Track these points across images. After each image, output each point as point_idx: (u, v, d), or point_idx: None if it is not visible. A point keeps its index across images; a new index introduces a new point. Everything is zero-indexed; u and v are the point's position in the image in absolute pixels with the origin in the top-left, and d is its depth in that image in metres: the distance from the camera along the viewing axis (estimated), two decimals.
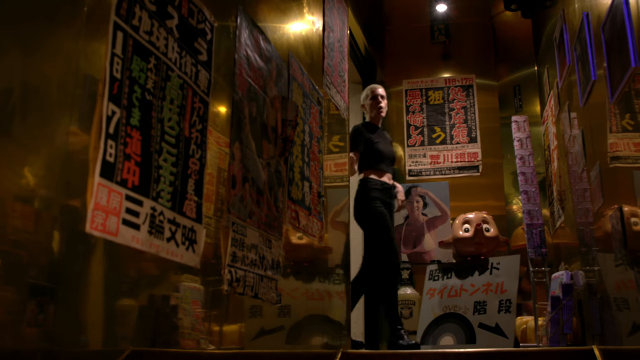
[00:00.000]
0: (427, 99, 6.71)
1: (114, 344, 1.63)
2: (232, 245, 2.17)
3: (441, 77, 6.83)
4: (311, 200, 3.20)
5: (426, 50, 6.95)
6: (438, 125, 6.58)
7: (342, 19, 4.55)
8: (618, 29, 2.63)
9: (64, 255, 1.37)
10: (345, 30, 4.66)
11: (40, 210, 1.31)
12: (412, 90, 6.77)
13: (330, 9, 4.10)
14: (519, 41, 6.72)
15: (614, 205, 3.03)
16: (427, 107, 6.68)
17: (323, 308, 3.66)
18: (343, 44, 4.50)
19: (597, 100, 3.30)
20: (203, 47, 2.04)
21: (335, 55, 4.17)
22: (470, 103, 6.58)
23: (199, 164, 1.94)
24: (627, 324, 2.97)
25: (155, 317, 1.87)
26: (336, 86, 4.07)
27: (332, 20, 4.15)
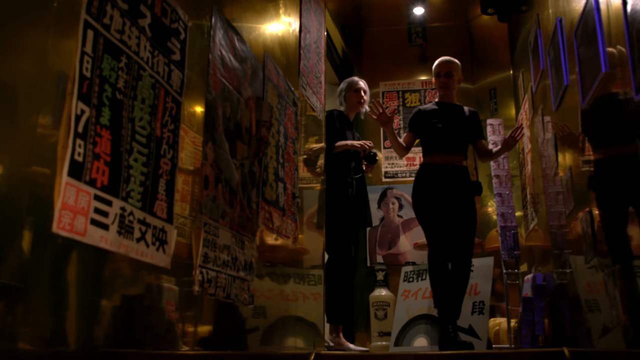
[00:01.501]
0: (404, 101, 6.74)
1: (85, 344, 1.61)
2: (204, 246, 2.16)
3: (418, 80, 6.86)
4: (285, 201, 3.20)
5: (403, 53, 6.98)
6: None
7: (319, 20, 4.55)
8: (589, 34, 2.66)
9: (32, 255, 1.36)
10: (323, 32, 4.67)
11: (6, 209, 1.30)
12: (389, 92, 6.80)
13: (307, 10, 4.10)
14: (495, 45, 6.77)
15: (585, 208, 3.06)
16: (404, 109, 6.71)
17: (299, 309, 3.66)
18: (320, 45, 4.50)
19: (569, 105, 3.33)
20: (176, 47, 2.03)
21: (312, 56, 4.17)
22: None
23: (171, 164, 1.92)
24: (598, 326, 3.01)
25: (127, 317, 1.86)
26: (312, 87, 4.07)
27: (309, 22, 4.16)
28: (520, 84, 5.83)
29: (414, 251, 6.02)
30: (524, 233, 5.80)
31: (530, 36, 4.81)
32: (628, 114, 2.23)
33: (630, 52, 2.08)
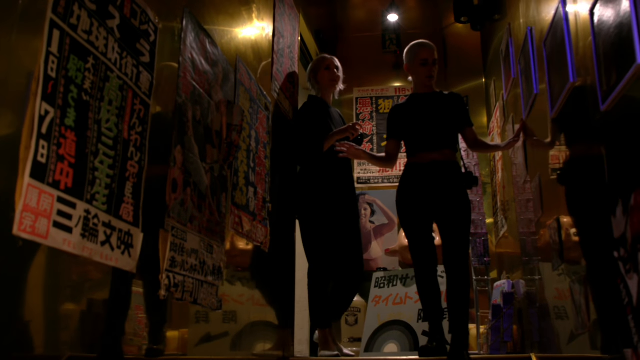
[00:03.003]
0: (377, 108, 6.77)
1: (52, 349, 1.59)
2: (171, 250, 2.14)
3: (392, 86, 6.90)
4: (256, 205, 3.19)
5: (377, 59, 7.02)
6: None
7: (294, 25, 4.55)
8: (558, 44, 2.70)
9: None
10: (296, 37, 4.66)
11: None
12: (362, 98, 6.83)
13: (281, 15, 4.10)
14: (468, 53, 6.83)
15: (555, 216, 3.09)
16: (377, 115, 6.74)
17: (269, 314, 3.64)
18: (293, 50, 4.50)
19: (539, 113, 3.37)
20: (146, 49, 2.01)
21: (285, 61, 4.17)
22: None
23: (138, 167, 1.90)
24: (566, 332, 3.04)
25: (95, 322, 1.83)
26: (285, 92, 4.06)
27: (283, 26, 4.15)
28: (492, 91, 5.89)
29: (385, 257, 6.03)
30: (495, 240, 5.85)
31: (502, 45, 4.86)
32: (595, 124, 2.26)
33: (597, 63, 2.11)
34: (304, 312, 5.22)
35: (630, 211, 1.82)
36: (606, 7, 1.99)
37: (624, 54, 1.81)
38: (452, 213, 3.58)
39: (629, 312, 1.86)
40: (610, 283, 2.06)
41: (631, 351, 1.85)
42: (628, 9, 1.76)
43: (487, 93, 6.38)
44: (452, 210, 3.59)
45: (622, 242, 1.89)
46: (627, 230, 1.85)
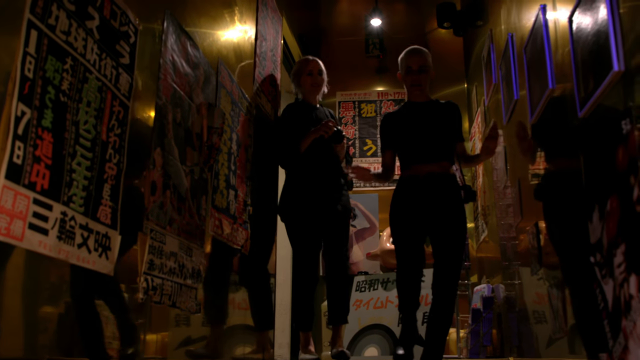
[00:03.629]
0: (360, 112, 6.78)
1: (30, 352, 1.58)
2: (150, 252, 2.13)
3: (374, 91, 6.92)
4: (236, 208, 3.18)
5: (360, 64, 7.03)
6: (369, 138, 6.66)
7: (276, 28, 4.55)
8: (538, 51, 2.72)
9: None
10: (279, 40, 4.66)
11: None
12: (345, 102, 6.84)
13: (263, 18, 4.09)
14: (450, 58, 6.86)
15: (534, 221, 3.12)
16: (360, 119, 6.75)
17: (249, 318, 3.63)
18: (276, 53, 4.50)
19: (519, 119, 3.40)
20: (125, 50, 2.00)
21: (268, 64, 4.16)
22: None
23: (117, 169, 1.89)
24: (545, 336, 3.06)
25: (74, 325, 1.82)
26: (267, 95, 4.06)
27: (265, 30, 4.15)
28: (473, 97, 5.93)
29: (367, 261, 6.04)
30: (475, 244, 5.88)
31: (483, 51, 4.90)
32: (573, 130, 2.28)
33: (575, 69, 2.13)
34: (284, 315, 5.21)
35: (606, 217, 1.84)
36: (584, 15, 2.01)
37: (601, 61, 1.83)
38: (448, 230, 3.33)
39: (605, 316, 1.88)
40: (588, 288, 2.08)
41: (606, 355, 1.87)
42: (605, 16, 1.78)
43: (468, 98, 6.42)
44: (448, 227, 3.33)
45: (598, 247, 1.91)
46: (603, 235, 1.87)
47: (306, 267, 3.75)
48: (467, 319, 5.12)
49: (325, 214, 3.78)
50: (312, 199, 3.74)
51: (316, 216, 3.74)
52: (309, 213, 3.73)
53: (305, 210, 3.74)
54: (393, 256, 5.43)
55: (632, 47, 1.70)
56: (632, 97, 1.68)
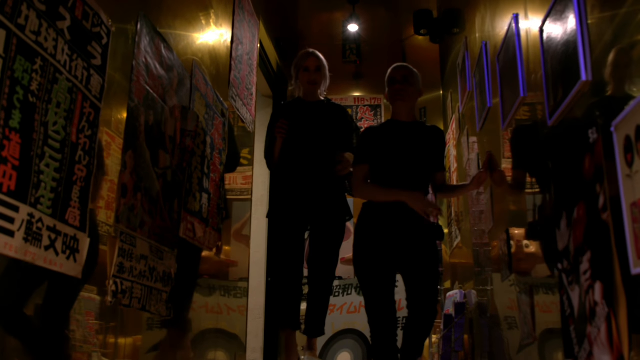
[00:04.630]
0: None
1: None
2: (120, 255, 2.12)
3: (351, 96, 6.94)
4: (209, 212, 3.17)
5: (337, 69, 7.00)
6: None
7: (253, 32, 4.55)
8: (510, 59, 2.75)
9: None
10: (256, 44, 4.66)
11: None
12: None
13: (240, 22, 4.09)
14: (427, 65, 6.90)
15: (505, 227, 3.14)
16: None
17: (222, 322, 3.62)
18: (252, 57, 4.50)
19: (492, 126, 3.43)
20: (97, 51, 1.99)
21: (244, 67, 4.16)
22: (377, 122, 6.71)
23: (86, 171, 1.88)
24: (516, 342, 3.08)
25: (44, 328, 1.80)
26: (243, 99, 4.06)
27: (242, 33, 4.15)
28: (449, 104, 5.97)
29: (341, 266, 6.03)
30: (449, 250, 5.92)
31: (459, 58, 4.94)
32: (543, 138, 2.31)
33: (545, 78, 2.16)
34: (258, 319, 5.20)
35: (573, 224, 1.86)
36: (554, 25, 2.04)
37: (570, 71, 1.86)
38: (421, 264, 3.05)
39: (571, 323, 1.90)
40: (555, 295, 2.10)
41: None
42: (574, 27, 1.81)
43: (444, 105, 6.46)
44: (420, 262, 3.05)
45: (566, 254, 1.94)
46: (570, 242, 1.89)
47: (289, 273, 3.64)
48: (439, 325, 5.14)
49: (310, 219, 3.63)
50: (297, 203, 3.59)
51: (300, 220, 3.61)
52: (293, 217, 3.60)
53: (289, 214, 3.60)
54: None
55: (600, 57, 1.73)
56: (598, 107, 1.71)
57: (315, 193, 3.60)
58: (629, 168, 1.41)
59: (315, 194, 3.60)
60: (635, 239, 1.38)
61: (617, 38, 1.64)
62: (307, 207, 3.60)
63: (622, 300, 1.50)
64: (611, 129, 1.49)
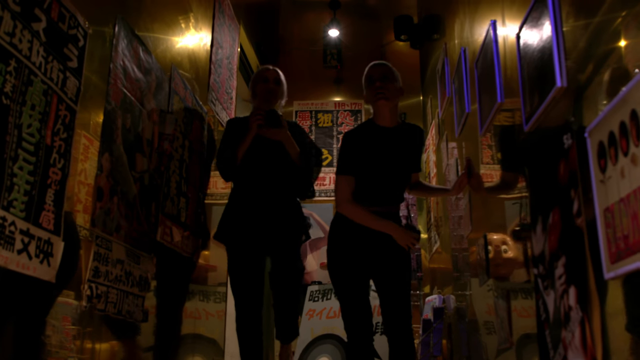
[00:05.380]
0: (317, 122, 6.80)
1: None
2: (95, 259, 2.10)
3: (331, 101, 6.95)
4: (188, 216, 3.15)
5: (318, 74, 7.06)
6: (326, 148, 6.68)
7: (233, 36, 4.54)
8: (488, 65, 2.77)
9: None
10: (236, 48, 4.66)
11: None
12: (302, 111, 6.85)
13: (220, 26, 4.08)
14: (407, 71, 6.92)
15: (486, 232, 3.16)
16: (316, 129, 6.77)
17: (201, 327, 3.60)
18: (232, 61, 4.49)
19: (470, 132, 3.45)
20: (73, 54, 1.97)
21: (224, 71, 4.15)
22: None
23: (61, 174, 1.86)
24: (494, 347, 3.09)
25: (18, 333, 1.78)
26: (222, 103, 4.04)
27: (222, 37, 4.14)
28: (428, 109, 6.00)
29: (320, 271, 6.04)
30: (428, 255, 5.93)
31: (438, 64, 4.96)
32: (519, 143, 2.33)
33: (522, 84, 2.17)
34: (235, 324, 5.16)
35: (548, 229, 1.87)
36: (531, 31, 2.06)
37: (546, 77, 1.87)
38: (393, 271, 2.94)
39: (546, 327, 1.92)
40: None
41: None
42: (550, 33, 1.83)
43: (424, 110, 6.49)
44: (392, 268, 2.94)
45: (541, 259, 1.95)
46: (545, 247, 1.90)
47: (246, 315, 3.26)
48: (417, 329, 5.15)
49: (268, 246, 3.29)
50: (253, 220, 3.23)
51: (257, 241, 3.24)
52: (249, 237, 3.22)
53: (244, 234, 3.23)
54: None
55: (574, 64, 1.75)
56: (573, 113, 1.72)
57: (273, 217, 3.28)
58: (602, 174, 1.42)
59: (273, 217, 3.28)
60: (608, 244, 1.39)
61: (591, 45, 1.66)
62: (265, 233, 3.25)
63: (596, 304, 1.52)
64: (585, 134, 1.51)
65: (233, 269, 3.23)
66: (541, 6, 1.94)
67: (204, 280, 3.78)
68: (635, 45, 1.43)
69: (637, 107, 1.24)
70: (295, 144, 3.31)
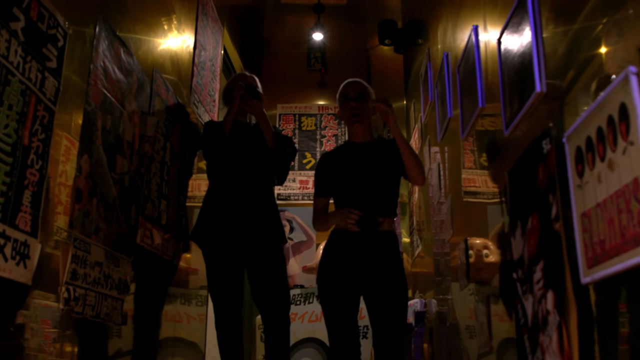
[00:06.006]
0: (300, 125, 6.80)
1: None
2: (72, 262, 2.08)
3: (315, 104, 6.94)
4: (168, 219, 3.13)
5: (302, 77, 7.05)
6: (309, 151, 6.67)
7: (217, 38, 4.53)
8: (470, 70, 2.78)
9: None
10: (219, 50, 4.64)
11: None
12: (285, 115, 6.84)
13: (203, 28, 4.07)
14: (391, 75, 6.96)
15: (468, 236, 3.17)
16: (300, 132, 6.76)
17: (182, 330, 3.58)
18: (215, 63, 4.48)
19: (452, 136, 3.46)
20: (53, 54, 1.95)
21: (206, 74, 4.14)
22: (341, 131, 6.73)
23: (39, 175, 1.84)
24: (474, 351, 3.10)
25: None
26: (205, 105, 4.03)
27: (205, 39, 4.12)
28: (411, 114, 6.01)
29: (303, 274, 6.03)
30: (410, 259, 5.94)
31: (421, 69, 4.98)
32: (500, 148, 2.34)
33: (502, 89, 2.18)
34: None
35: (527, 234, 1.88)
36: (511, 37, 2.07)
37: (525, 82, 1.88)
38: (387, 296, 2.80)
39: (525, 332, 1.92)
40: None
41: None
42: (530, 39, 1.84)
43: (407, 115, 6.51)
44: (386, 293, 2.80)
45: (520, 264, 1.96)
46: (524, 252, 1.91)
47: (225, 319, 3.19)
48: None
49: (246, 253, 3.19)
50: (229, 224, 3.14)
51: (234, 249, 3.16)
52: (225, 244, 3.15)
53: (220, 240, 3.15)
54: None
55: (554, 69, 1.76)
56: (552, 118, 1.73)
57: (250, 223, 3.18)
58: (579, 178, 1.43)
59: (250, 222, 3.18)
60: (585, 249, 1.40)
61: (571, 51, 1.67)
62: (242, 242, 3.17)
63: (573, 309, 1.52)
64: (563, 140, 1.52)
65: (210, 274, 3.18)
66: (521, 12, 1.95)
67: (185, 283, 3.76)
68: (614, 51, 1.44)
69: (614, 113, 1.25)
70: (270, 123, 3.27)
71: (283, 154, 3.31)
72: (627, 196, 1.21)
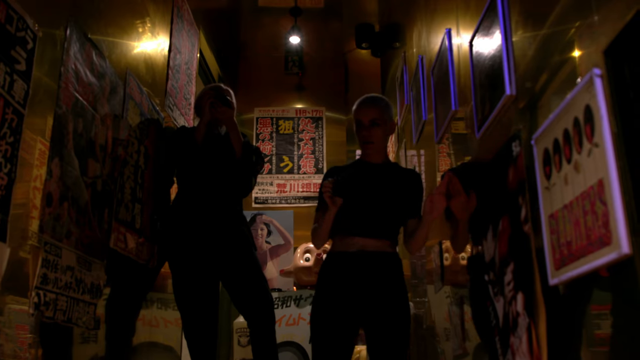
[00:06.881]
0: (278, 128, 6.79)
1: None
2: (43, 266, 2.05)
3: (292, 108, 6.94)
4: (143, 222, 3.11)
5: (279, 80, 7.05)
6: (286, 155, 6.67)
7: (192, 41, 4.51)
8: (443, 73, 2.80)
9: None
10: (195, 53, 4.62)
11: None
12: (263, 118, 6.83)
13: (178, 31, 4.05)
14: (368, 78, 6.98)
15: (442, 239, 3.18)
16: (277, 136, 6.76)
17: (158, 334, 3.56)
18: (191, 66, 4.46)
19: (428, 139, 3.47)
20: (22, 57, 1.93)
21: (182, 77, 4.12)
22: (319, 135, 6.73)
23: (7, 179, 1.82)
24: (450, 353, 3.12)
25: None
26: (180, 109, 4.01)
27: (180, 42, 4.11)
28: None
29: (280, 278, 6.02)
30: None
31: (397, 72, 5.00)
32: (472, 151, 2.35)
33: (474, 92, 2.20)
34: None
35: (498, 236, 1.89)
36: (482, 40, 2.08)
37: (496, 85, 1.90)
38: (388, 323, 2.62)
39: (496, 333, 1.93)
40: None
41: None
42: (500, 42, 1.85)
43: None
44: (387, 320, 2.61)
45: (491, 266, 1.97)
46: (495, 254, 1.92)
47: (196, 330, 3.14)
48: None
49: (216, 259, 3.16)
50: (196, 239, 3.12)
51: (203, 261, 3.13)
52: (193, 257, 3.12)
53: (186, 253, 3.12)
54: (306, 273, 5.46)
55: (524, 72, 1.77)
56: (522, 120, 1.75)
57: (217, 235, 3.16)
58: (547, 180, 1.44)
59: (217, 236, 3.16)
60: (553, 251, 1.41)
61: (542, 54, 1.69)
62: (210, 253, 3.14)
63: (542, 310, 1.53)
64: (532, 142, 1.53)
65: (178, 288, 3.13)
66: (492, 15, 1.96)
67: (162, 287, 3.74)
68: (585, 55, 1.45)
69: (580, 115, 1.27)
70: (239, 133, 3.24)
71: (249, 163, 3.26)
72: (592, 198, 1.22)
